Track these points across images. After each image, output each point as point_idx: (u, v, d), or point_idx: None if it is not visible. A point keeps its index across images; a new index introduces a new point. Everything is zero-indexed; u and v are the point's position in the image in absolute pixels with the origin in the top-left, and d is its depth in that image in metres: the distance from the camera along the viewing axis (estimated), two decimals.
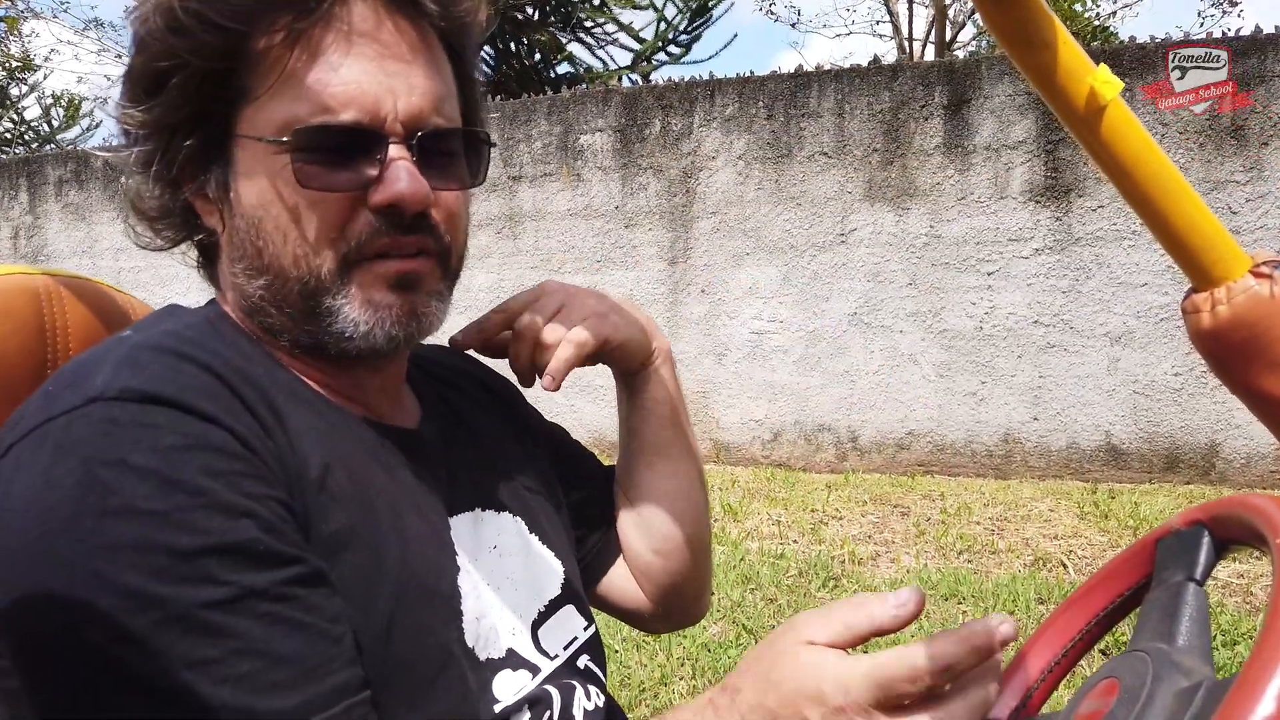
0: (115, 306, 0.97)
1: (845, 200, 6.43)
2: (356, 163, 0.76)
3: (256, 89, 0.75)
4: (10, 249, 9.00)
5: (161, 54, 0.75)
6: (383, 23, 0.77)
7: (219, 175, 0.79)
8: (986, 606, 3.77)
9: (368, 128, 0.75)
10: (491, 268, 7.25)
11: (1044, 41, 0.69)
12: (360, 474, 0.77)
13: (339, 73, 0.74)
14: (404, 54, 0.77)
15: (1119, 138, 0.71)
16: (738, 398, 6.76)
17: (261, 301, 0.80)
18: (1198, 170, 5.67)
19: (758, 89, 6.65)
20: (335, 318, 0.78)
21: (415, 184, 0.76)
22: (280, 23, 0.74)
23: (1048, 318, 6.04)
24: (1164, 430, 5.83)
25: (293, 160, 0.75)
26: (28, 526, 0.61)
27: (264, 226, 0.77)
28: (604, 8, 11.77)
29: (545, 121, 7.20)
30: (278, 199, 0.76)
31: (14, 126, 16.36)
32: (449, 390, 1.00)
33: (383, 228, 0.77)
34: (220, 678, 0.60)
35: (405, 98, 0.76)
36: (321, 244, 0.76)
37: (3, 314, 0.86)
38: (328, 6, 0.75)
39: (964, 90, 6.14)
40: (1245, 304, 0.70)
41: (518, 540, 0.92)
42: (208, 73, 0.75)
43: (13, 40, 15.59)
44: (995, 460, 6.20)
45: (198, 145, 0.79)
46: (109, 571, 0.60)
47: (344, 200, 0.76)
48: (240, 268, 0.80)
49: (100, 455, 0.63)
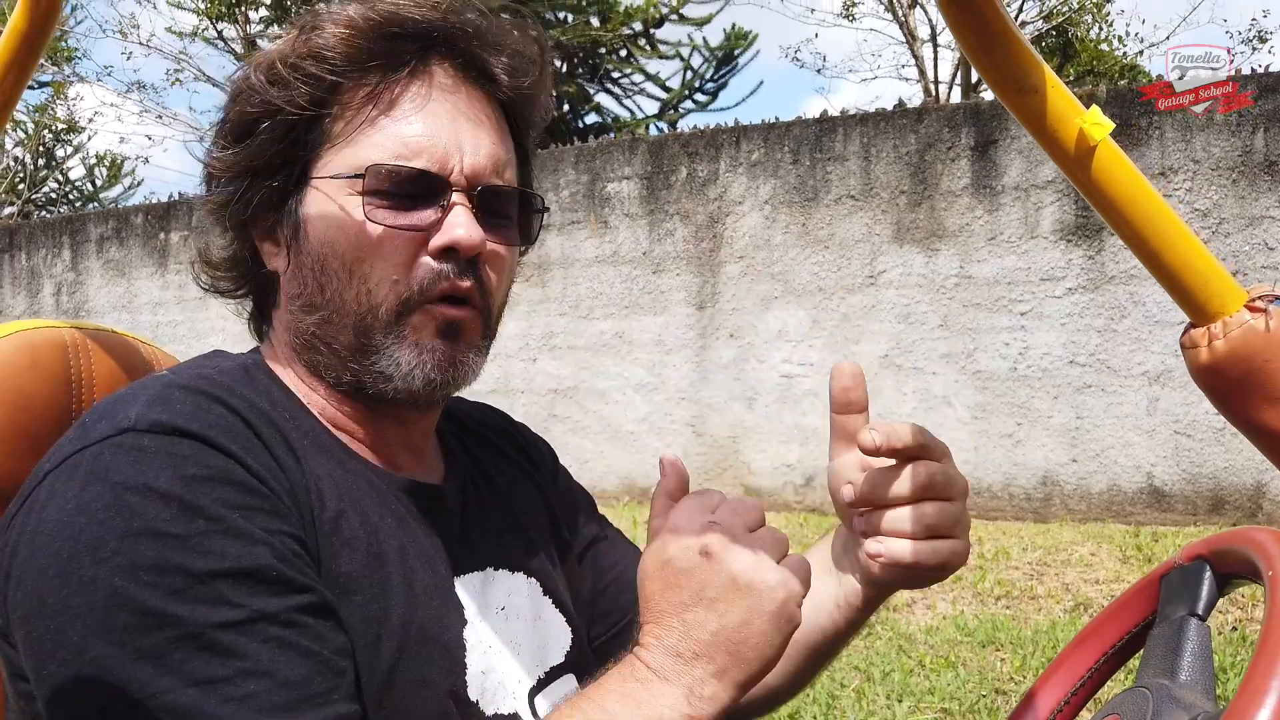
0: (140, 358, 0.99)
1: (873, 242, 6.42)
2: (421, 207, 0.82)
3: (338, 136, 0.83)
4: (52, 305, 9.23)
5: (257, 103, 0.82)
6: (459, 88, 0.84)
7: (291, 216, 0.85)
8: (1025, 654, 3.67)
9: (436, 175, 0.82)
10: (520, 315, 7.30)
11: (1032, 86, 0.71)
12: (373, 522, 0.80)
13: (415, 125, 0.82)
14: (474, 117, 0.85)
15: (1110, 178, 0.73)
16: (769, 442, 6.71)
17: (313, 338, 0.84)
18: (1232, 206, 5.60)
19: (783, 134, 6.69)
20: (382, 355, 0.82)
21: (472, 229, 0.81)
22: (369, 79, 0.82)
23: (1083, 357, 5.96)
24: (1208, 471, 5.70)
25: (364, 198, 0.81)
26: (59, 547, 0.67)
27: (329, 263, 0.82)
28: (631, 59, 11.97)
29: (573, 170, 7.29)
30: (346, 236, 0.82)
31: (59, 186, 16.87)
32: (483, 448, 1.01)
33: (445, 271, 0.82)
34: (226, 696, 0.64)
35: (471, 155, 0.83)
36: (383, 284, 0.82)
37: (30, 365, 0.88)
38: (412, 68, 0.83)
39: (991, 131, 6.14)
40: (1241, 338, 0.71)
41: (528, 603, 0.92)
42: (296, 121, 0.82)
43: (59, 104, 16.14)
44: (1034, 503, 6.08)
45: (277, 187, 0.84)
46: (128, 590, 0.65)
47: (408, 242, 0.81)
48: (298, 305, 0.85)
49: (128, 481, 0.68)
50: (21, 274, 9.55)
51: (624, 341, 7.12)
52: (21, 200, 15.58)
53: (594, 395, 7.21)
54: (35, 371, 0.88)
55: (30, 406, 0.87)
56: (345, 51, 0.81)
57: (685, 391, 6.95)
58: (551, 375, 7.32)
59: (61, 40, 14.42)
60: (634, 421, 7.08)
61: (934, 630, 4.01)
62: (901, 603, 4.40)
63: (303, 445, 0.79)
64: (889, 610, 4.31)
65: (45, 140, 16.21)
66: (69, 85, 15.90)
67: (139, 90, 19.01)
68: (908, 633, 4.00)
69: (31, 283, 9.49)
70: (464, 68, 0.85)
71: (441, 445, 0.96)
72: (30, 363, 0.88)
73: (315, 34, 0.82)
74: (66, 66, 15.32)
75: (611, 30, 11.44)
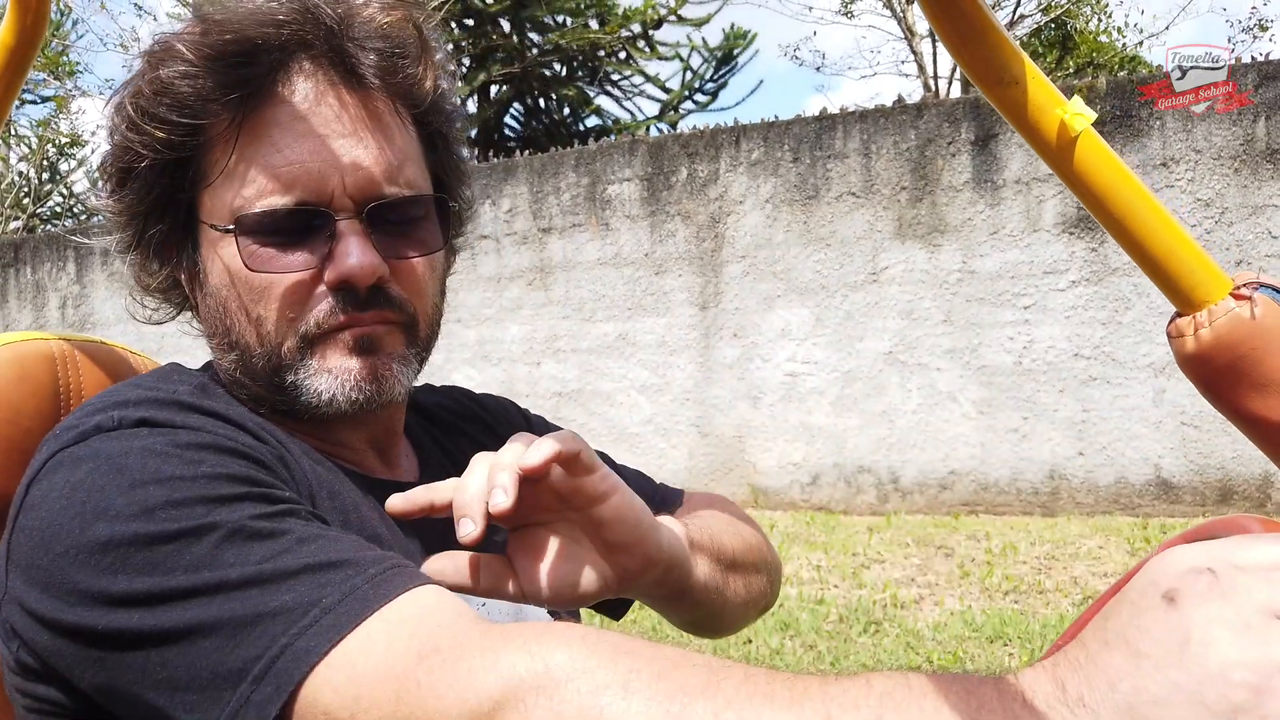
0: (130, 369, 0.98)
1: (875, 239, 6.41)
2: (307, 242, 0.77)
3: (211, 174, 0.78)
4: (58, 318, 9.25)
5: (122, 148, 0.79)
6: (325, 98, 0.78)
7: (189, 257, 0.83)
8: (1034, 648, 3.66)
9: (314, 206, 0.77)
10: (524, 319, 7.30)
11: (1012, 78, 0.71)
12: (361, 515, 0.80)
13: (283, 153, 0.76)
14: (350, 127, 0.78)
15: (1092, 168, 0.72)
16: (774, 441, 6.70)
17: (236, 374, 0.83)
18: (1235, 196, 5.58)
19: (783, 132, 6.69)
20: (300, 389, 0.80)
21: (365, 257, 0.77)
22: (226, 111, 0.76)
23: (1088, 350, 5.94)
24: (1215, 462, 5.67)
25: (240, 246, 0.77)
26: (69, 527, 0.64)
27: (229, 307, 0.80)
28: (630, 61, 11.98)
29: (573, 173, 7.29)
30: (235, 283, 0.79)
31: (63, 200, 16.94)
32: (451, 437, 1.00)
33: (339, 306, 0.78)
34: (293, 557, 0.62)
35: (353, 172, 0.77)
36: (282, 324, 0.79)
37: (19, 377, 0.88)
38: (268, 87, 0.76)
39: (991, 125, 6.13)
40: (1227, 326, 0.71)
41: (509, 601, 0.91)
42: (166, 162, 0.78)
43: (62, 118, 16.20)
44: (1041, 497, 6.06)
45: (167, 230, 0.82)
46: (150, 528, 0.63)
47: (300, 280, 0.78)
48: (214, 343, 0.84)
49: (121, 450, 0.67)
50: (27, 288, 9.59)
51: (627, 343, 7.12)
52: (26, 215, 15.65)
53: (599, 398, 7.21)
54: (23, 384, 0.88)
55: (18, 419, 0.86)
56: (191, 90, 0.75)
57: (690, 392, 6.94)
58: (556, 379, 7.32)
59: (63, 54, 14.48)
60: (639, 423, 7.08)
61: (942, 626, 3.99)
62: (909, 599, 4.40)
63: (279, 445, 0.78)
64: (896, 608, 4.30)
65: (49, 155, 16.27)
66: (71, 99, 15.95)
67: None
68: (915, 629, 3.99)
69: (37, 296, 9.52)
70: (331, 71, 0.78)
71: (412, 441, 0.95)
72: (18, 375, 0.88)
73: (160, 70, 0.76)
74: (69, 81, 15.37)
75: (610, 32, 11.44)
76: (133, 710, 0.64)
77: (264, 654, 0.59)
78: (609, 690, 0.53)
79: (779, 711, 0.51)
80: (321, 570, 0.62)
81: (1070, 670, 0.48)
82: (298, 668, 0.58)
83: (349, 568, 0.63)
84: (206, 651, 0.60)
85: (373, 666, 0.58)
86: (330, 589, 0.61)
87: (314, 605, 0.60)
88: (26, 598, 0.66)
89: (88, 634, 0.63)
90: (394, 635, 0.59)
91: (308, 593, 0.61)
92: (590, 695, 0.53)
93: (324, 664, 0.58)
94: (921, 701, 0.50)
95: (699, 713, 0.51)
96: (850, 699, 0.51)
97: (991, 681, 0.51)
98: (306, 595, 0.61)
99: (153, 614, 0.61)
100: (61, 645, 0.65)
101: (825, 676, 0.53)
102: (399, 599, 0.61)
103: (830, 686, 0.52)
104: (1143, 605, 0.48)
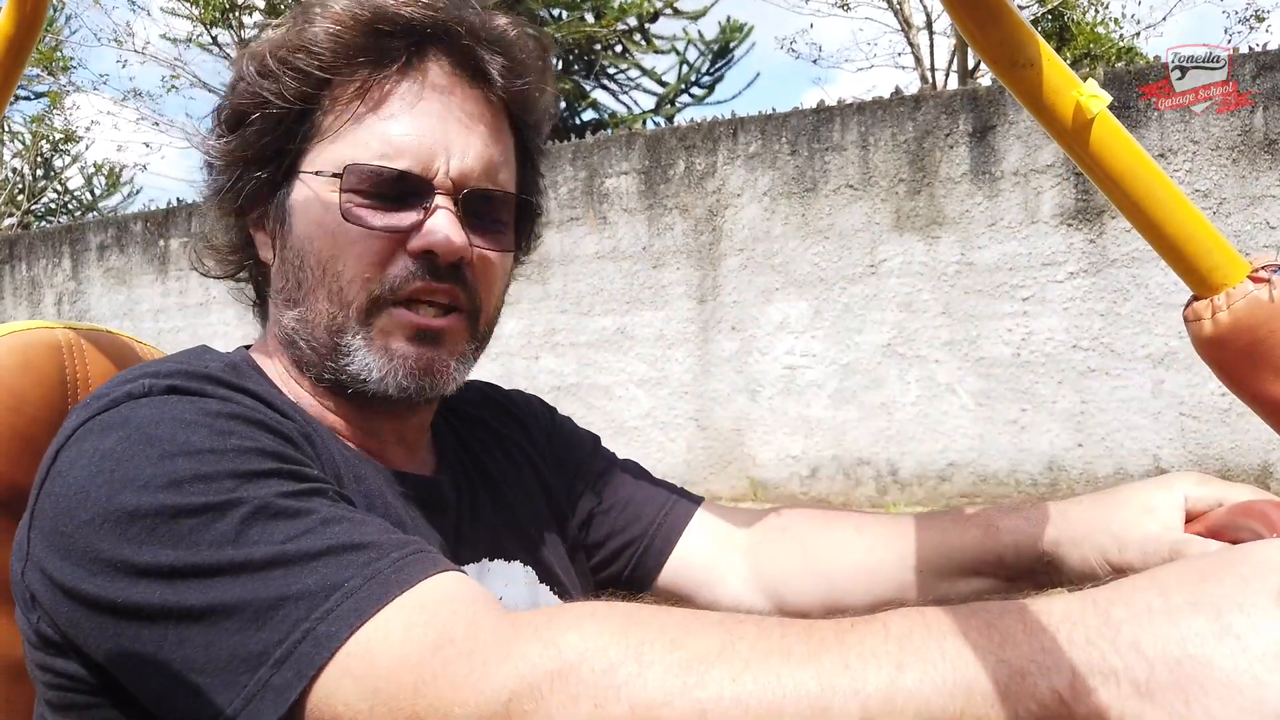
0: (136, 358, 0.98)
1: (873, 231, 6.41)
2: (402, 209, 0.80)
3: (326, 131, 0.82)
4: (54, 314, 9.23)
5: (248, 94, 0.82)
6: (452, 86, 0.83)
7: (278, 208, 0.84)
8: None
9: (418, 176, 0.80)
10: (521, 313, 7.29)
11: (1028, 60, 0.70)
12: (381, 502, 0.80)
13: (401, 123, 0.80)
14: (466, 118, 0.82)
15: (1108, 151, 0.71)
16: (773, 434, 6.70)
17: (293, 333, 0.84)
18: (1233, 186, 5.58)
19: (780, 125, 6.68)
20: (353, 357, 0.80)
21: (454, 233, 0.79)
22: (359, 74, 0.81)
23: (1087, 341, 5.94)
24: (1214, 452, 5.68)
25: (342, 196, 0.79)
26: (96, 495, 0.64)
27: (307, 259, 0.81)
28: (626, 54, 11.95)
29: (570, 167, 7.28)
30: (324, 232, 0.80)
31: (58, 196, 16.89)
32: (473, 430, 1.00)
33: (418, 272, 0.80)
34: (317, 538, 0.62)
35: (460, 157, 0.81)
36: (356, 282, 0.80)
37: (24, 366, 0.87)
38: (404, 64, 0.81)
39: (989, 117, 6.12)
40: (1245, 309, 0.70)
41: (526, 591, 0.91)
42: (286, 113, 0.81)
43: (56, 114, 16.15)
44: (1040, 489, 6.07)
45: (266, 179, 0.84)
46: (177, 501, 0.63)
47: (384, 242, 0.80)
48: (281, 298, 0.85)
49: (150, 419, 0.67)
50: (22, 284, 9.56)
51: (626, 337, 7.11)
52: (21, 211, 15.60)
53: (597, 391, 7.20)
54: (29, 373, 0.87)
55: (24, 408, 0.85)
56: (333, 46, 0.80)
57: (688, 385, 6.94)
58: (554, 373, 7.32)
59: (56, 50, 14.42)
60: (637, 417, 7.07)
61: None
62: None
63: (305, 423, 0.79)
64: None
65: (43, 151, 16.21)
66: (65, 95, 15.90)
67: (135, 98, 18.99)
68: None
69: (33, 293, 9.49)
70: (459, 66, 0.83)
71: (433, 435, 0.95)
72: (23, 364, 0.87)
73: (306, 27, 0.81)
74: (63, 76, 15.32)
75: (606, 26, 11.42)
76: (147, 687, 0.64)
77: (286, 638, 0.59)
78: (623, 666, 0.53)
79: (797, 668, 0.51)
80: (345, 552, 0.62)
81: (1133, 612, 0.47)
82: (319, 653, 0.58)
83: (372, 550, 0.62)
84: (227, 633, 0.60)
85: (390, 655, 0.58)
86: (352, 571, 0.61)
87: (336, 589, 0.60)
88: (48, 564, 0.66)
89: (107, 604, 0.63)
90: (411, 623, 0.59)
91: (330, 575, 0.61)
92: (604, 674, 0.53)
93: (343, 651, 0.58)
94: (942, 643, 0.49)
95: (716, 678, 0.51)
96: (868, 647, 0.50)
97: (1017, 610, 0.49)
98: (329, 578, 0.60)
99: (174, 589, 0.61)
100: (80, 615, 0.65)
101: (840, 623, 0.53)
102: (419, 585, 0.61)
103: (847, 635, 0.52)
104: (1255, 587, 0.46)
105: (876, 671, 0.49)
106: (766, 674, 0.51)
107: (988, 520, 0.91)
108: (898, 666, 0.49)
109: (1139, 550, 0.80)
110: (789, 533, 1.01)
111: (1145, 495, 0.83)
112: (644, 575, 1.03)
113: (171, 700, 0.62)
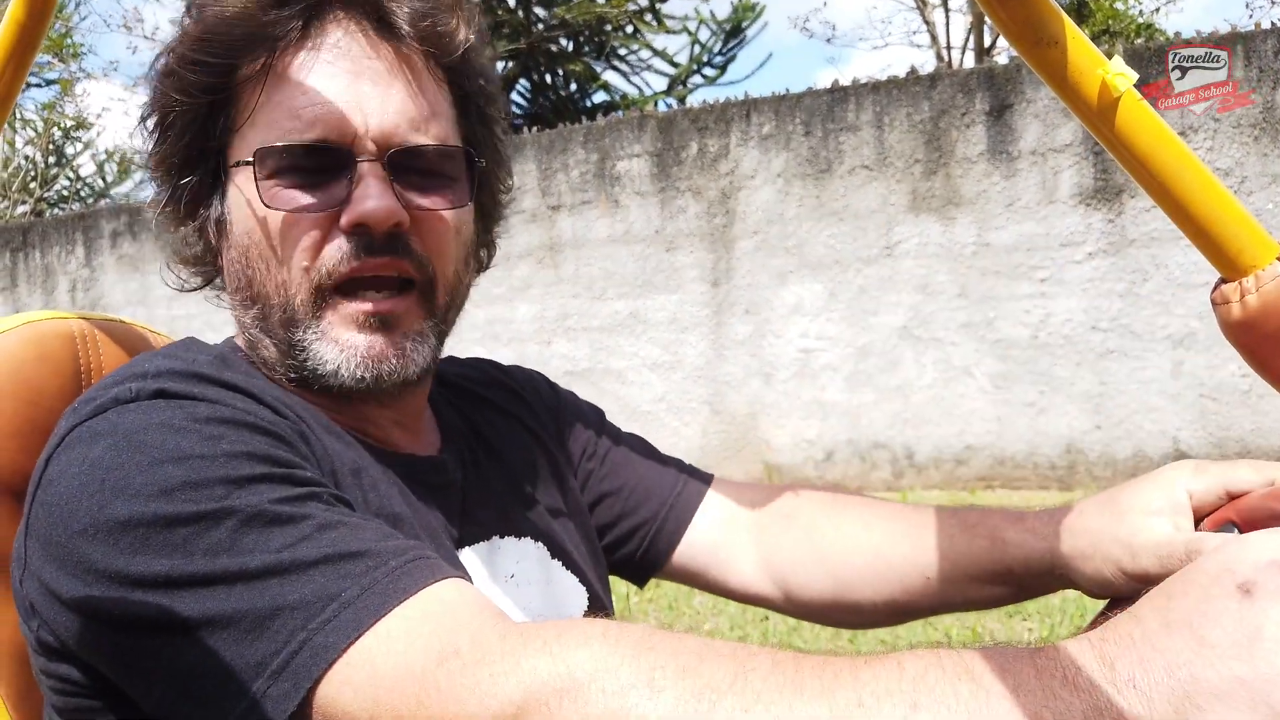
0: (149, 348, 0.96)
1: (889, 212, 6.36)
2: (327, 183, 0.76)
3: (240, 120, 0.78)
4: (68, 301, 9.27)
5: (159, 96, 0.79)
6: (355, 44, 0.77)
7: (215, 210, 0.81)
8: (1053, 623, 3.64)
9: (335, 145, 0.76)
10: (534, 298, 7.28)
11: (1052, 38, 0.68)
12: (381, 491, 0.78)
13: (308, 94, 0.76)
14: (380, 74, 0.77)
15: (1134, 130, 0.69)
16: (788, 418, 6.68)
17: (255, 333, 0.81)
18: (1254, 165, 5.51)
19: (794, 106, 6.62)
20: (308, 352, 0.77)
21: (382, 200, 0.75)
22: (260, 55, 0.76)
23: (1105, 323, 5.88)
24: (1234, 434, 5.63)
25: (259, 183, 0.76)
26: (87, 505, 0.63)
27: (250, 255, 0.78)
28: (637, 35, 11.88)
29: (582, 150, 7.24)
30: (255, 225, 0.77)
31: (70, 184, 16.95)
32: (476, 408, 0.98)
33: (352, 251, 0.75)
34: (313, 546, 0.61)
35: (378, 115, 0.76)
36: (296, 271, 0.77)
37: (39, 357, 0.86)
38: (301, 33, 0.77)
39: (1006, 95, 6.05)
40: (1275, 292, 0.68)
41: (538, 567, 0.89)
42: (196, 110, 0.78)
43: (67, 101, 16.18)
44: (1058, 472, 6.03)
45: (198, 181, 0.81)
46: (169, 509, 0.61)
47: (316, 223, 0.76)
48: (237, 299, 0.82)
49: (138, 425, 0.66)
50: (36, 271, 9.60)
51: (639, 321, 7.09)
52: (34, 199, 15.67)
53: (610, 376, 7.19)
54: (44, 364, 0.86)
55: (39, 399, 0.84)
56: (227, 31, 0.76)
57: (702, 369, 6.92)
58: (567, 357, 7.31)
59: (67, 36, 14.43)
60: (651, 401, 7.06)
61: None
62: None
63: (299, 420, 0.76)
64: None
65: (55, 138, 16.27)
66: (76, 81, 15.93)
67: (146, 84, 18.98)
68: None
69: (47, 280, 9.53)
70: (362, 21, 0.78)
71: (435, 414, 0.93)
72: (38, 355, 0.86)
73: (200, 18, 0.78)
74: (73, 63, 15.35)
75: (617, 6, 11.34)
76: (147, 696, 0.63)
77: (282, 649, 0.58)
78: (634, 690, 0.52)
79: (810, 703, 0.50)
80: (341, 561, 0.61)
81: (1122, 648, 0.47)
82: (316, 664, 0.58)
83: (369, 558, 0.61)
84: (223, 644, 0.59)
85: (392, 667, 0.57)
86: (350, 582, 0.60)
87: (333, 599, 0.59)
88: (45, 574, 0.65)
89: (104, 615, 0.62)
90: (414, 633, 0.58)
91: (327, 585, 0.59)
92: (615, 696, 0.52)
93: (342, 661, 0.57)
94: (956, 685, 0.49)
95: (728, 709, 0.50)
96: (883, 685, 0.50)
97: (1028, 655, 0.50)
98: (326, 588, 0.59)
99: (169, 599, 0.60)
100: (77, 624, 0.64)
101: (855, 660, 0.52)
102: (420, 594, 0.60)
103: (861, 672, 0.51)
104: (1214, 592, 0.47)
105: (891, 710, 0.49)
106: (779, 707, 0.50)
107: (993, 531, 0.89)
108: (912, 706, 0.49)
109: (1153, 555, 0.78)
110: (796, 519, 1.00)
111: (1146, 497, 0.80)
112: (656, 557, 1.02)
113: (172, 709, 0.62)
